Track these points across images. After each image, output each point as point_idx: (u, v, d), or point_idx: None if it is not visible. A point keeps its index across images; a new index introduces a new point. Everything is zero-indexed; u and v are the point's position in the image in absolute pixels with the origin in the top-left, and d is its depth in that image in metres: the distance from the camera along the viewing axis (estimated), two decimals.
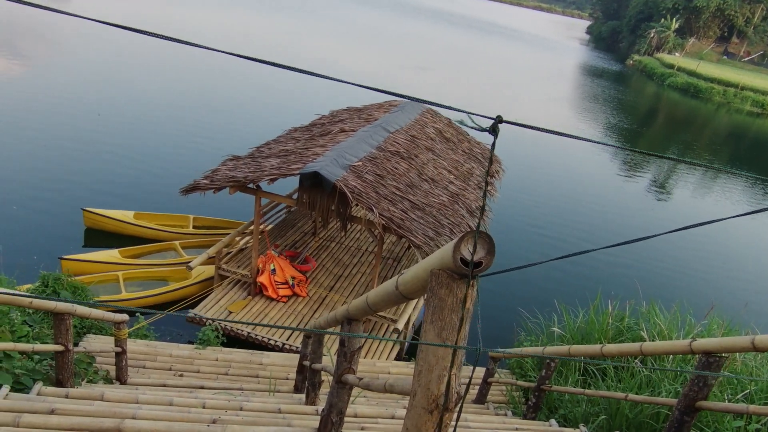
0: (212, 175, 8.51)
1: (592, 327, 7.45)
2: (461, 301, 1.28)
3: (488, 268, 1.24)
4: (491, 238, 1.21)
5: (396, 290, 1.75)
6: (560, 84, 46.07)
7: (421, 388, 1.37)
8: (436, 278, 1.29)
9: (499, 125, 0.92)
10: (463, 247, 1.21)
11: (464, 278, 1.26)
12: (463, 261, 1.22)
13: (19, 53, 22.91)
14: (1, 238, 10.00)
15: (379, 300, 2.07)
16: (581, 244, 14.94)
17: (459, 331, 1.26)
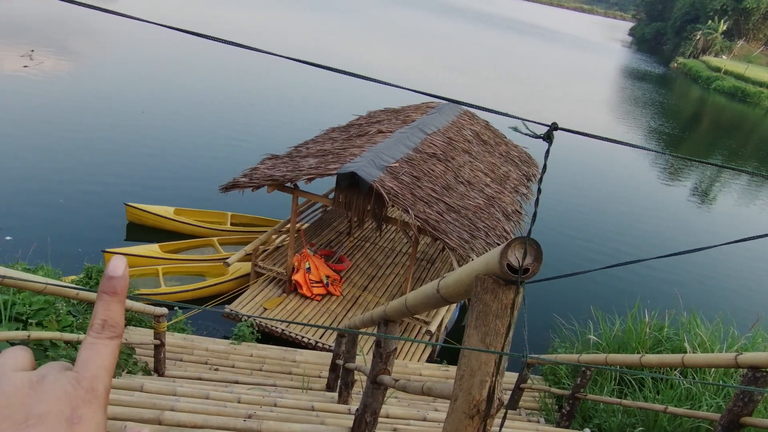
0: (251, 174, 8.64)
1: (630, 336, 7.28)
2: (506, 307, 1.27)
3: (535, 274, 1.23)
4: (539, 245, 1.20)
5: (437, 293, 1.75)
6: (600, 86, 45.22)
7: (462, 392, 1.37)
8: (481, 283, 1.29)
9: (554, 132, 0.91)
10: (510, 253, 1.20)
11: (510, 284, 1.25)
12: (510, 267, 1.21)
13: (71, 52, 23.71)
14: (49, 230, 10.37)
15: (418, 302, 2.07)
16: (619, 251, 14.63)
17: (506, 337, 1.26)
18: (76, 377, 0.41)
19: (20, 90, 17.78)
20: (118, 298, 0.45)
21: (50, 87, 18.62)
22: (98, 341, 0.43)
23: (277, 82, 25.43)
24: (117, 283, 0.45)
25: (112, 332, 0.44)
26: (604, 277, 12.70)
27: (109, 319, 0.44)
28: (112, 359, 0.43)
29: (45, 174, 12.69)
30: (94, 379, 0.42)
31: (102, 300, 0.44)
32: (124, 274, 0.45)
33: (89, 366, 0.42)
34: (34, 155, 13.48)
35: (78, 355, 0.43)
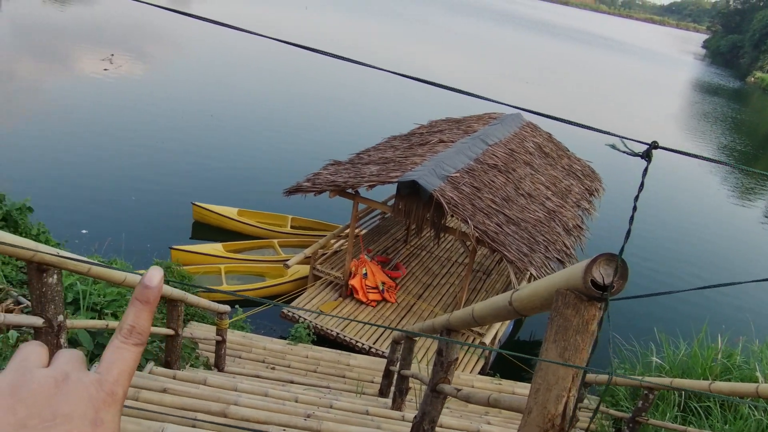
0: (314, 179, 8.83)
1: (695, 361, 6.97)
2: (587, 323, 1.27)
3: (619, 292, 1.22)
4: (625, 262, 1.19)
5: (509, 306, 1.75)
6: (669, 100, 43.58)
7: (537, 406, 1.37)
8: (562, 298, 1.29)
9: (653, 151, 0.92)
10: (596, 268, 1.20)
11: (593, 300, 1.25)
12: (594, 283, 1.21)
13: (147, 56, 24.92)
14: (122, 225, 10.91)
15: (486, 314, 2.07)
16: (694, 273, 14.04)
17: (585, 353, 1.25)
18: (99, 380, 0.43)
19: (100, 92, 18.83)
20: (149, 308, 0.46)
21: (127, 89, 19.63)
22: (124, 346, 0.45)
23: (341, 88, 25.85)
24: (150, 293, 0.46)
25: (138, 339, 0.46)
26: (669, 298, 12.20)
27: (138, 326, 0.46)
28: (133, 365, 0.45)
29: (120, 172, 13.37)
30: (116, 384, 0.43)
31: (134, 306, 0.46)
32: (159, 285, 0.47)
33: (112, 370, 0.43)
34: (110, 154, 14.23)
35: (102, 357, 0.45)
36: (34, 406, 0.39)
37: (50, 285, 2.82)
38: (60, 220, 10.75)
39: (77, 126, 15.54)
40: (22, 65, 20.38)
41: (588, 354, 1.29)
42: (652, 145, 0.89)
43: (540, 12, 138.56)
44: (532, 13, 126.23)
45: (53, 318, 2.89)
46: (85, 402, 0.41)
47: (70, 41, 25.29)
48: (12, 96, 17.25)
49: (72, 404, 0.40)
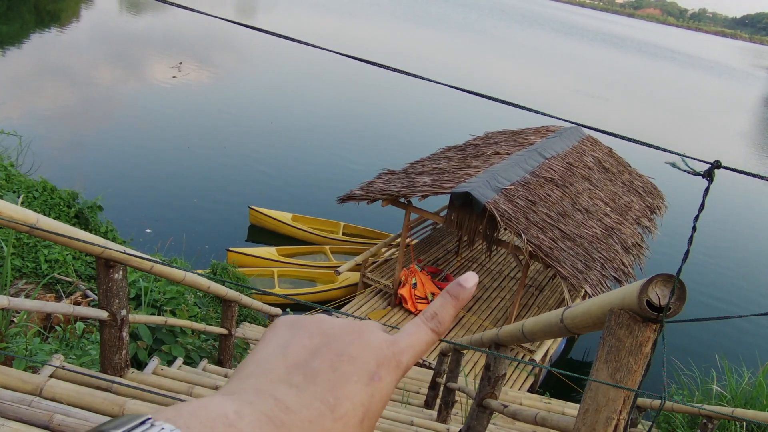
0: (367, 187, 8.91)
1: (760, 392, 6.61)
2: (641, 345, 1.24)
3: (677, 314, 1.19)
4: (683, 284, 1.16)
5: (561, 323, 1.73)
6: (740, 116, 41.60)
7: (586, 427, 1.34)
8: (616, 318, 1.27)
9: (716, 171, 0.90)
10: (651, 289, 1.18)
11: (648, 321, 1.22)
12: (650, 304, 1.19)
13: (213, 65, 25.86)
14: (183, 226, 11.33)
15: (538, 330, 2.05)
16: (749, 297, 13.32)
17: (639, 375, 1.23)
18: (393, 340, 0.43)
19: (168, 98, 19.68)
20: (456, 303, 0.47)
21: (193, 97, 20.43)
22: (423, 326, 0.45)
23: (399, 99, 26.02)
24: (462, 291, 0.47)
25: (436, 325, 0.46)
26: (732, 324, 11.61)
27: (440, 314, 0.46)
28: (425, 345, 0.45)
29: (184, 175, 13.90)
30: (404, 352, 0.43)
31: (443, 297, 0.47)
32: (471, 288, 0.47)
33: (407, 339, 0.44)
34: (175, 157, 14.83)
35: (403, 328, 0.46)
36: (330, 340, 0.41)
37: (116, 280, 2.97)
38: (127, 219, 11.26)
39: (146, 130, 16.27)
40: (96, 71, 21.56)
41: (640, 377, 1.26)
42: (714, 164, 0.87)
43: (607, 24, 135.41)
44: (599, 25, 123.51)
45: (117, 312, 3.04)
46: (373, 353, 0.41)
47: (141, 49, 26.56)
48: (87, 100, 18.27)
49: (361, 350, 0.41)
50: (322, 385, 0.38)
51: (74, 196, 8.65)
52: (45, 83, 18.79)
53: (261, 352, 0.41)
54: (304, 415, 0.36)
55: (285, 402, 0.36)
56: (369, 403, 0.39)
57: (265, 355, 0.40)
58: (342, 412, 0.37)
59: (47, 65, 20.79)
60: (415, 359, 0.45)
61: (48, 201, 8.29)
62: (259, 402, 0.35)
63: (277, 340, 0.42)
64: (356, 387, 0.38)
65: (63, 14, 32.25)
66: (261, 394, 0.36)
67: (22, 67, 19.92)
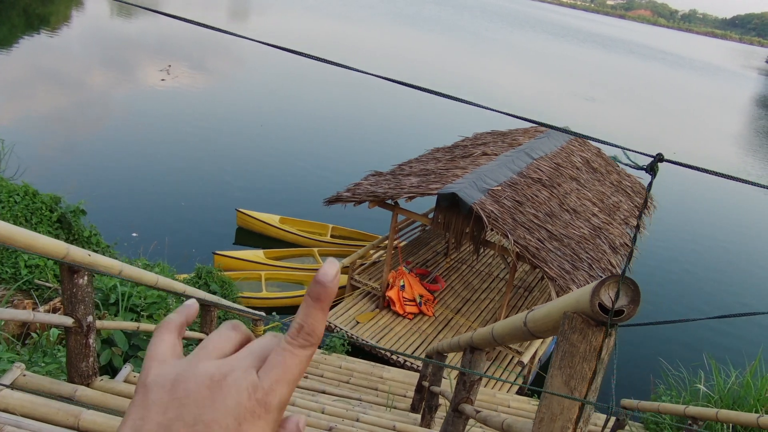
0: (354, 189, 8.84)
1: (748, 392, 6.57)
2: (595, 350, 1.17)
3: (631, 317, 1.13)
4: (637, 285, 1.10)
5: (524, 326, 1.67)
6: (731, 116, 41.83)
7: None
8: (569, 322, 1.20)
9: (659, 164, 0.84)
10: (603, 292, 1.12)
11: (602, 326, 1.16)
12: (603, 307, 1.12)
13: (203, 68, 25.74)
14: (169, 229, 11.22)
15: (505, 333, 1.98)
16: (739, 298, 13.33)
17: (591, 382, 1.16)
18: (254, 386, 0.39)
19: (155, 101, 19.54)
20: (321, 306, 0.41)
21: (181, 99, 20.29)
22: (288, 348, 0.41)
23: (387, 99, 25.96)
24: (322, 291, 0.41)
25: (306, 340, 0.41)
26: (721, 323, 11.61)
27: (306, 325, 0.41)
28: (297, 371, 0.40)
29: (172, 178, 13.79)
30: (269, 393, 0.39)
31: (304, 304, 0.42)
32: (333, 282, 0.42)
33: (270, 375, 0.40)
34: (163, 160, 14.71)
35: (267, 359, 0.41)
36: (183, 407, 0.38)
37: (81, 286, 2.89)
38: (113, 223, 11.14)
39: (134, 133, 16.14)
40: (85, 74, 21.40)
41: (595, 383, 1.20)
42: (656, 157, 0.81)
43: (598, 25, 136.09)
44: (590, 26, 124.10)
45: (83, 318, 2.95)
46: (231, 410, 0.38)
47: (130, 52, 26.40)
48: (74, 104, 18.11)
49: (216, 411, 0.37)
50: None
51: (56, 200, 8.53)
52: (31, 87, 18.62)
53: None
54: None
55: None
56: None
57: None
58: None
59: (34, 69, 20.62)
60: (291, 386, 0.40)
61: (29, 205, 8.17)
62: None
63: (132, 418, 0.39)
64: None
65: (52, 18, 32.04)
66: None
67: (8, 71, 19.74)
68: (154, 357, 0.42)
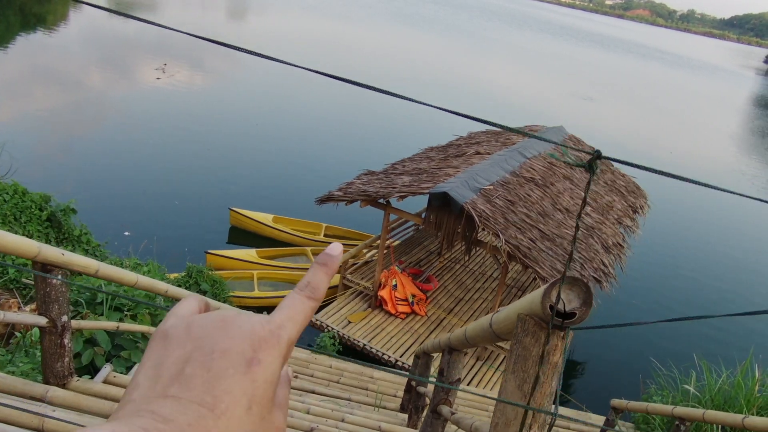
0: (346, 188, 8.81)
1: (738, 392, 6.55)
2: (548, 354, 1.14)
3: (583, 320, 1.10)
4: (588, 287, 1.07)
5: (490, 328, 1.63)
6: (729, 115, 41.87)
7: None
8: (522, 324, 1.17)
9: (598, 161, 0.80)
10: (554, 294, 1.08)
11: (555, 328, 1.13)
12: (554, 309, 1.09)
13: (199, 67, 25.67)
14: (162, 228, 11.18)
15: (474, 335, 1.95)
16: (726, 299, 13.32)
17: (542, 386, 1.13)
18: (267, 320, 0.43)
19: (151, 100, 19.49)
20: (326, 269, 0.48)
21: (177, 98, 20.23)
22: (297, 296, 0.45)
23: (382, 98, 25.89)
24: (329, 259, 0.48)
25: (311, 292, 0.46)
26: (713, 323, 11.59)
27: (313, 281, 0.46)
28: (303, 316, 0.45)
29: (165, 176, 13.73)
30: (281, 327, 0.42)
31: (313, 267, 0.48)
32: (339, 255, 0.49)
33: (282, 312, 0.44)
34: (157, 159, 14.65)
35: (279, 306, 0.45)
36: (201, 342, 0.41)
37: (54, 285, 2.85)
38: (105, 222, 11.09)
39: (128, 131, 16.08)
40: (80, 73, 21.33)
41: (549, 388, 1.16)
42: (594, 155, 0.78)
43: (596, 25, 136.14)
44: (588, 26, 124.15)
45: (57, 318, 2.91)
46: (245, 339, 0.40)
47: (126, 50, 26.34)
48: (68, 102, 18.04)
49: (232, 340, 0.40)
50: (198, 389, 0.37)
51: (46, 199, 8.48)
52: (24, 85, 18.56)
53: (138, 376, 0.40)
54: (183, 420, 0.35)
55: (162, 414, 0.35)
56: (253, 390, 0.38)
57: (141, 378, 0.40)
58: (222, 408, 0.37)
59: (28, 67, 20.55)
60: (298, 330, 0.44)
61: (18, 204, 8.12)
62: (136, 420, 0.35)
63: (150, 360, 0.42)
64: (233, 379, 0.38)
65: (49, 16, 31.96)
66: (138, 412, 0.36)
67: (1, 70, 19.67)
68: (174, 313, 0.46)
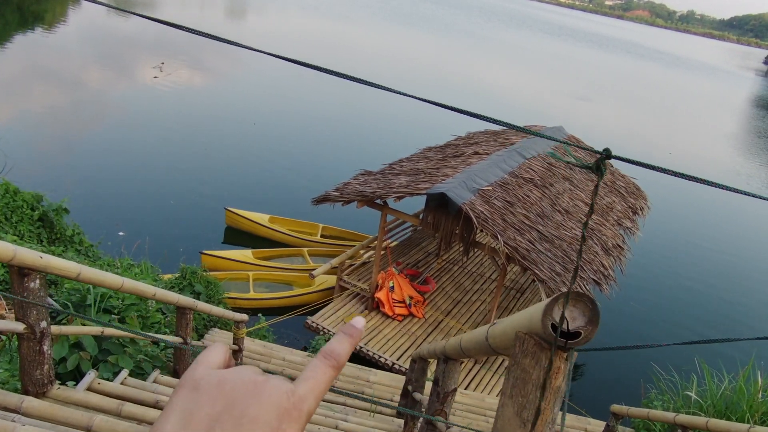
0: (343, 188, 8.68)
1: (740, 397, 6.44)
2: (550, 378, 1.02)
3: (589, 340, 0.98)
4: (595, 303, 0.95)
5: (486, 341, 1.51)
6: (729, 116, 41.80)
7: None
8: (521, 344, 1.05)
9: (606, 162, 0.68)
10: (557, 310, 0.96)
11: (557, 349, 1.01)
12: (557, 328, 0.97)
13: (196, 66, 25.52)
14: (158, 228, 11.05)
15: (470, 347, 1.83)
16: (726, 300, 13.22)
17: (535, 417, 1.01)
18: (292, 391, 0.44)
19: (147, 98, 19.35)
20: (352, 340, 0.50)
21: (174, 97, 20.09)
22: (320, 364, 0.47)
23: (381, 98, 25.76)
24: (354, 331, 0.51)
25: (332, 362, 0.48)
26: (716, 326, 11.49)
27: (335, 350, 0.49)
28: (324, 386, 0.46)
29: (160, 175, 13.60)
30: (305, 399, 0.44)
31: (339, 336, 0.50)
32: (361, 329, 0.52)
33: (305, 385, 0.45)
34: (153, 158, 14.53)
35: (302, 372, 0.47)
36: (231, 403, 0.42)
37: (32, 290, 2.73)
38: (100, 221, 10.97)
39: (124, 130, 15.95)
40: (77, 71, 21.18)
41: (551, 414, 1.04)
42: (603, 154, 0.66)
43: (596, 25, 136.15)
44: (588, 27, 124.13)
45: (35, 324, 2.79)
46: (273, 409, 0.42)
47: (123, 49, 26.19)
48: (64, 101, 17.91)
49: (261, 408, 0.42)
50: None
51: (39, 198, 8.35)
52: (20, 84, 18.41)
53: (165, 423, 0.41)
54: None
55: None
56: None
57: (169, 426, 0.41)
58: None
59: (24, 66, 20.41)
60: (318, 400, 0.46)
61: (10, 204, 7.99)
62: None
63: (180, 408, 0.42)
64: None
65: (47, 15, 31.79)
66: None
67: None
68: (203, 362, 0.47)
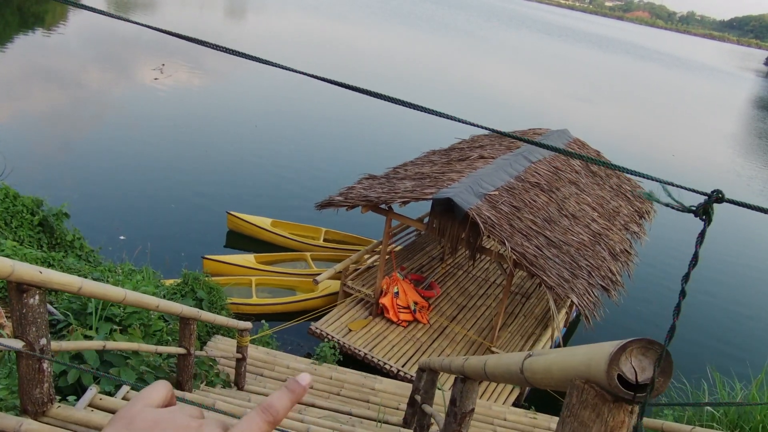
0: (347, 193, 8.58)
1: (753, 406, 6.31)
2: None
3: (660, 393, 0.86)
4: (669, 354, 0.83)
5: (521, 374, 1.40)
6: (729, 117, 41.70)
7: None
8: (578, 394, 0.94)
9: (715, 205, 0.57)
10: (625, 360, 0.85)
11: (621, 401, 0.89)
12: (623, 379, 0.86)
13: (197, 67, 25.42)
14: (159, 232, 10.95)
15: (498, 373, 1.72)
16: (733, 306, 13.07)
17: None
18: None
19: (148, 101, 19.25)
20: (293, 396, 0.49)
21: (175, 99, 20.00)
22: (257, 418, 0.46)
23: (383, 102, 25.65)
24: (297, 387, 0.50)
25: (269, 417, 0.46)
26: (727, 333, 11.37)
27: (274, 406, 0.48)
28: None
29: (162, 179, 13.50)
30: None
31: (281, 390, 0.49)
32: (307, 385, 0.50)
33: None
34: (154, 161, 14.41)
35: (238, 422, 0.46)
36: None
37: (31, 306, 2.62)
38: (101, 226, 10.86)
39: (125, 133, 15.85)
40: (77, 73, 21.09)
41: None
42: (712, 195, 0.54)
43: (596, 26, 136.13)
44: (588, 28, 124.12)
45: (35, 341, 2.68)
46: None
47: (124, 50, 26.11)
48: (64, 103, 17.81)
49: None
50: None
51: (38, 203, 8.24)
52: (20, 86, 18.32)
53: None
54: None
55: None
56: None
57: None
58: None
59: (24, 67, 20.31)
60: None
61: (10, 209, 7.87)
62: None
63: None
64: None
65: (47, 16, 31.72)
66: None
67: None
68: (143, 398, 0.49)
